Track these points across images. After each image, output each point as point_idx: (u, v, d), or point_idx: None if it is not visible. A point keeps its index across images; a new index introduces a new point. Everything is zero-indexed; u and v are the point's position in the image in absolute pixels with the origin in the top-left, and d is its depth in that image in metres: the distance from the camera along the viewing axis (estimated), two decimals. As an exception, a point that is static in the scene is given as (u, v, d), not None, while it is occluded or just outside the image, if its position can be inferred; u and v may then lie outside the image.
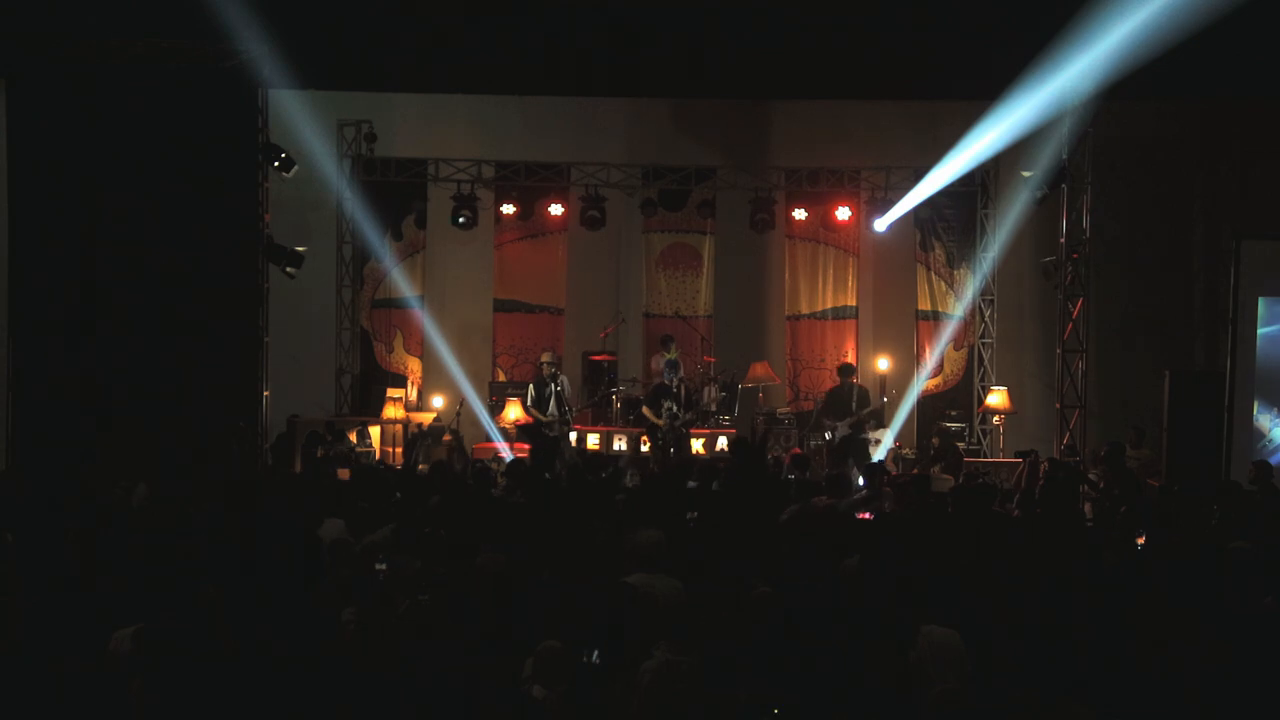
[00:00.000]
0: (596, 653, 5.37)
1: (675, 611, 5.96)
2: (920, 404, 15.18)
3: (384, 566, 6.69)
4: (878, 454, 13.01)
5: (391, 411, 14.52)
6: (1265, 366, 12.18)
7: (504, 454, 13.40)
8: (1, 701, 5.08)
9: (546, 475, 9.84)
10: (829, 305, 15.45)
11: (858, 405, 12.91)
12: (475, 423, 14.71)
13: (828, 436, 13.06)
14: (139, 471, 9.57)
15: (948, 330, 15.05)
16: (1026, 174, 13.26)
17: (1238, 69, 13.06)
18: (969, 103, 14.75)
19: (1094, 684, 5.26)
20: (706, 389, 14.12)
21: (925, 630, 5.50)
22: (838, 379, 13.36)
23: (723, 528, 7.73)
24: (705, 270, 15.53)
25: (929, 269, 15.37)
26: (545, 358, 13.46)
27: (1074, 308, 13.20)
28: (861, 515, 8.89)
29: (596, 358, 14.65)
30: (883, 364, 14.99)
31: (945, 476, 11.71)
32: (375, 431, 14.23)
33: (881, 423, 13.56)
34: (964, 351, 15.37)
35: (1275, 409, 12.19)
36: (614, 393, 14.32)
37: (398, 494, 8.92)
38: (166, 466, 10.25)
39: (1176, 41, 10.71)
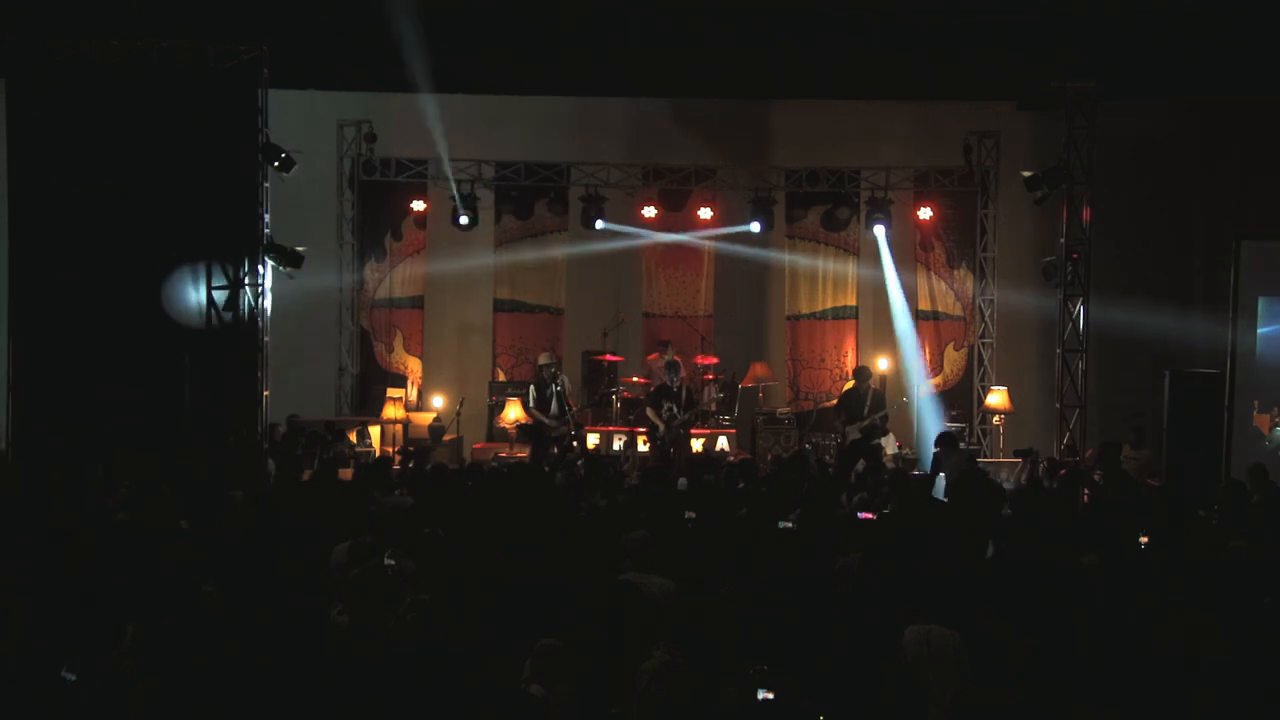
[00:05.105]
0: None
1: (670, 611, 5.96)
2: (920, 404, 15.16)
3: (391, 562, 6.67)
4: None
5: (391, 411, 14.51)
6: (1265, 366, 12.16)
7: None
8: (3, 701, 5.07)
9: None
10: (829, 305, 15.44)
11: (871, 409, 12.89)
12: (475, 422, 14.69)
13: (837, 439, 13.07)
14: (139, 471, 9.57)
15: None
16: (1026, 174, 13.24)
17: (1238, 69, 13.06)
18: (969, 103, 14.81)
19: (1094, 684, 5.26)
20: (706, 389, 14.10)
21: (925, 631, 5.50)
22: (853, 381, 13.38)
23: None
24: (705, 270, 15.52)
25: (929, 269, 15.35)
26: (543, 358, 13.42)
27: (1074, 308, 13.18)
28: (864, 515, 8.89)
29: (598, 358, 14.62)
30: (883, 364, 14.98)
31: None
32: (375, 431, 14.22)
33: (887, 429, 13.49)
34: (964, 351, 15.35)
35: (1275, 409, 12.18)
36: (614, 393, 14.31)
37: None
38: (166, 467, 10.24)
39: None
